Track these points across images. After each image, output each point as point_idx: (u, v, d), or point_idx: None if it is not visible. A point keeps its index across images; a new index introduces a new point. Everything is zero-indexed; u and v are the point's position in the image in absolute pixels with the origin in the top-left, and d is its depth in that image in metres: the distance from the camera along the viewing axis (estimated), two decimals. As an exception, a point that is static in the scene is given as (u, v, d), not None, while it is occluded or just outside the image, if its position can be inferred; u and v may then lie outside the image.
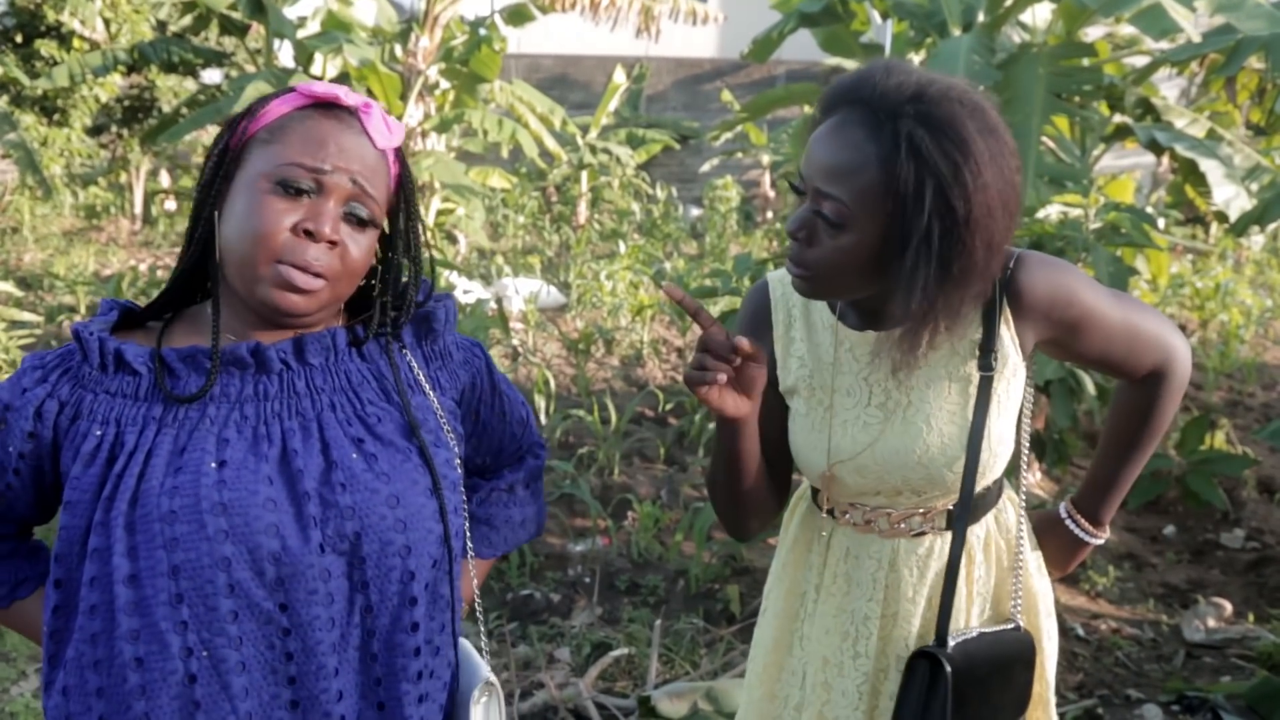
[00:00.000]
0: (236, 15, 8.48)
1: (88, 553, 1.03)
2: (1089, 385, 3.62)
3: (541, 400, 5.01)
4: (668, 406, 5.27)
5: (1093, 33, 5.34)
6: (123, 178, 10.90)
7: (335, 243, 1.07)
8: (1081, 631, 3.24)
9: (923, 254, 1.20)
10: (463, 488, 1.19)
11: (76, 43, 9.54)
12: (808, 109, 7.94)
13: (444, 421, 1.19)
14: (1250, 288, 7.78)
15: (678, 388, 5.55)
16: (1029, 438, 1.45)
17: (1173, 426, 4.42)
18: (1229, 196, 4.55)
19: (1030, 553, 1.47)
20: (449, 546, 1.13)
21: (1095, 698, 2.88)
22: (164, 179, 11.48)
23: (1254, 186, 4.66)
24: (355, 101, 1.11)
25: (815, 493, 1.47)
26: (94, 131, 10.26)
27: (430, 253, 1.22)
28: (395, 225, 1.17)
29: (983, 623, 1.41)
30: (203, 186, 1.10)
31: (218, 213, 1.09)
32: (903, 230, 1.20)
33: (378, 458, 1.10)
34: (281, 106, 1.10)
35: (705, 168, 12.23)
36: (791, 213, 1.29)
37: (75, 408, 1.07)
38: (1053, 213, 3.65)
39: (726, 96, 12.27)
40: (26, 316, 4.65)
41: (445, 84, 8.35)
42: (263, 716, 1.05)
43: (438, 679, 1.15)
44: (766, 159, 11.82)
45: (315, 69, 8.09)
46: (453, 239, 8.84)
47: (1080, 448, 4.28)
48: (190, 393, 1.07)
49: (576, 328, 6.76)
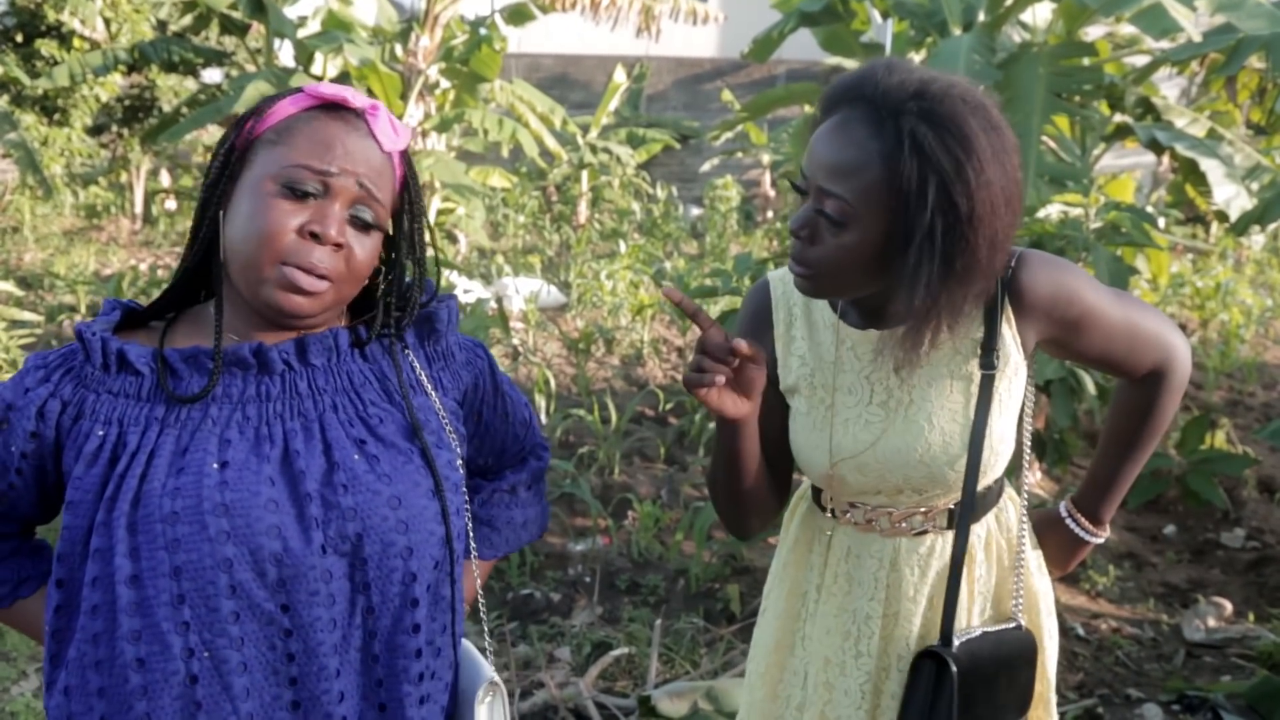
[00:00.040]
0: (237, 15, 8.48)
1: (90, 553, 1.03)
2: (1089, 385, 3.62)
3: (542, 400, 5.01)
4: (668, 406, 5.27)
5: (1093, 32, 5.34)
6: (123, 177, 10.90)
7: (340, 245, 1.07)
8: (1081, 631, 3.24)
9: (926, 251, 1.20)
10: (465, 489, 1.19)
11: (77, 42, 9.54)
12: (808, 108, 7.94)
13: (446, 422, 1.18)
14: (1251, 287, 7.77)
15: (678, 387, 5.55)
16: (1030, 437, 1.45)
17: (1173, 426, 4.42)
18: (1229, 196, 4.55)
19: (1030, 552, 1.47)
20: (451, 548, 1.13)
21: (1095, 697, 2.88)
22: (164, 178, 11.48)
23: (1254, 186, 4.67)
24: (362, 104, 1.11)
25: (816, 492, 1.48)
26: (94, 131, 10.26)
27: (436, 253, 1.22)
28: (399, 227, 1.16)
29: (984, 622, 1.41)
30: (208, 186, 1.10)
31: (223, 212, 1.09)
32: (906, 227, 1.20)
33: (380, 459, 1.10)
34: (288, 107, 1.10)
35: (705, 167, 12.23)
36: (792, 212, 1.29)
37: (78, 407, 1.07)
38: (1053, 212, 3.64)
39: (727, 96, 12.26)
40: (27, 316, 4.64)
41: (445, 83, 8.36)
42: (264, 717, 1.05)
43: (439, 680, 1.15)
44: (767, 158, 11.81)
45: (315, 68, 8.09)
46: (453, 239, 8.84)
47: (1080, 447, 4.28)
48: (192, 393, 1.07)
49: (577, 327, 6.76)
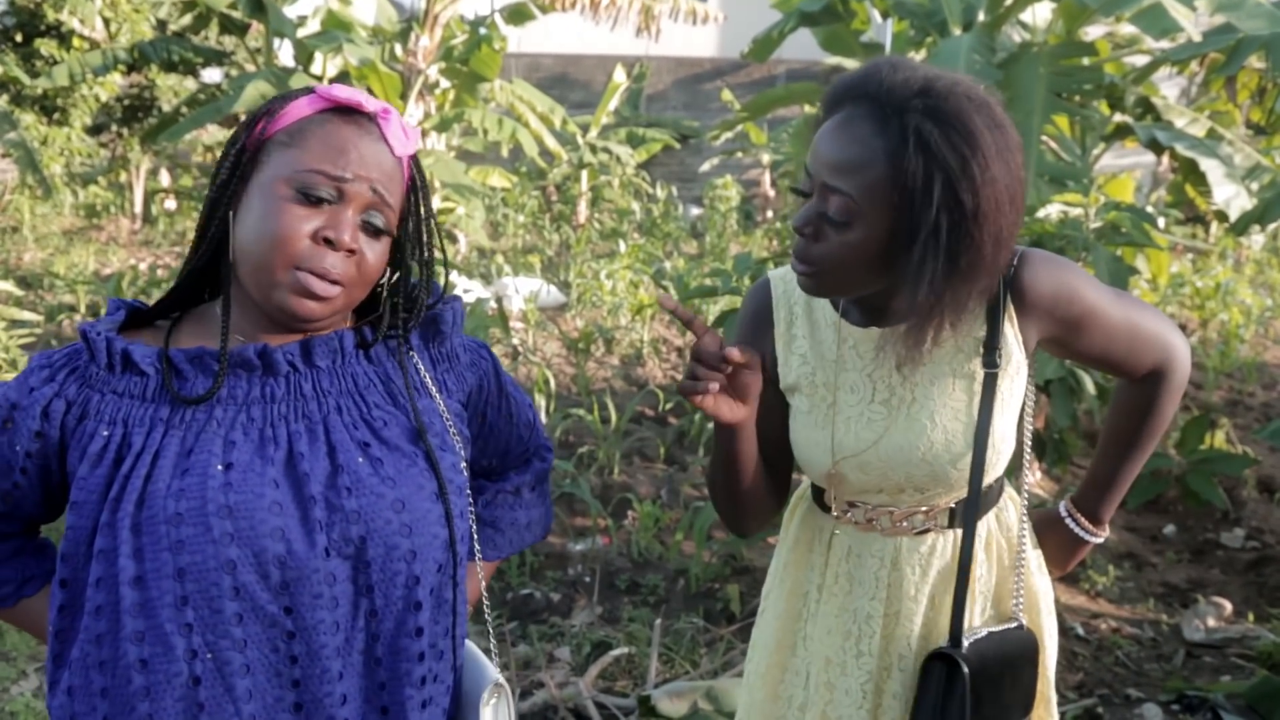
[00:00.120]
0: (236, 14, 8.49)
1: (94, 553, 1.03)
2: (1089, 385, 3.62)
3: (542, 399, 5.01)
4: (668, 406, 5.27)
5: (1093, 32, 5.34)
6: (123, 177, 10.89)
7: (354, 251, 1.07)
8: (1081, 631, 3.25)
9: (930, 248, 1.20)
10: (469, 491, 1.19)
11: (76, 42, 9.55)
12: (808, 108, 7.95)
13: (450, 425, 1.18)
14: (1250, 287, 7.77)
15: (681, 382, 5.54)
16: (1030, 436, 1.45)
17: (1173, 426, 4.42)
18: (1229, 196, 4.56)
19: (1030, 551, 1.47)
20: (454, 551, 1.13)
21: (1095, 697, 2.88)
22: (164, 178, 11.47)
23: (1254, 186, 4.67)
24: (375, 107, 1.11)
25: (816, 492, 1.48)
26: (94, 131, 10.26)
27: (444, 256, 1.21)
28: (405, 229, 1.16)
29: (985, 622, 1.41)
30: (219, 186, 1.09)
31: (233, 213, 1.09)
32: (910, 224, 1.20)
33: (384, 462, 1.10)
34: (301, 109, 1.09)
35: (705, 167, 12.22)
36: (793, 212, 1.29)
37: (82, 407, 1.06)
38: (1053, 212, 3.64)
39: (727, 96, 12.26)
40: (26, 316, 4.64)
41: (445, 83, 8.36)
42: (266, 719, 1.05)
43: (441, 683, 1.15)
44: (766, 158, 11.80)
45: (315, 68, 8.09)
46: (453, 238, 8.84)
47: (1080, 447, 4.28)
48: (197, 394, 1.07)
49: (576, 327, 6.76)
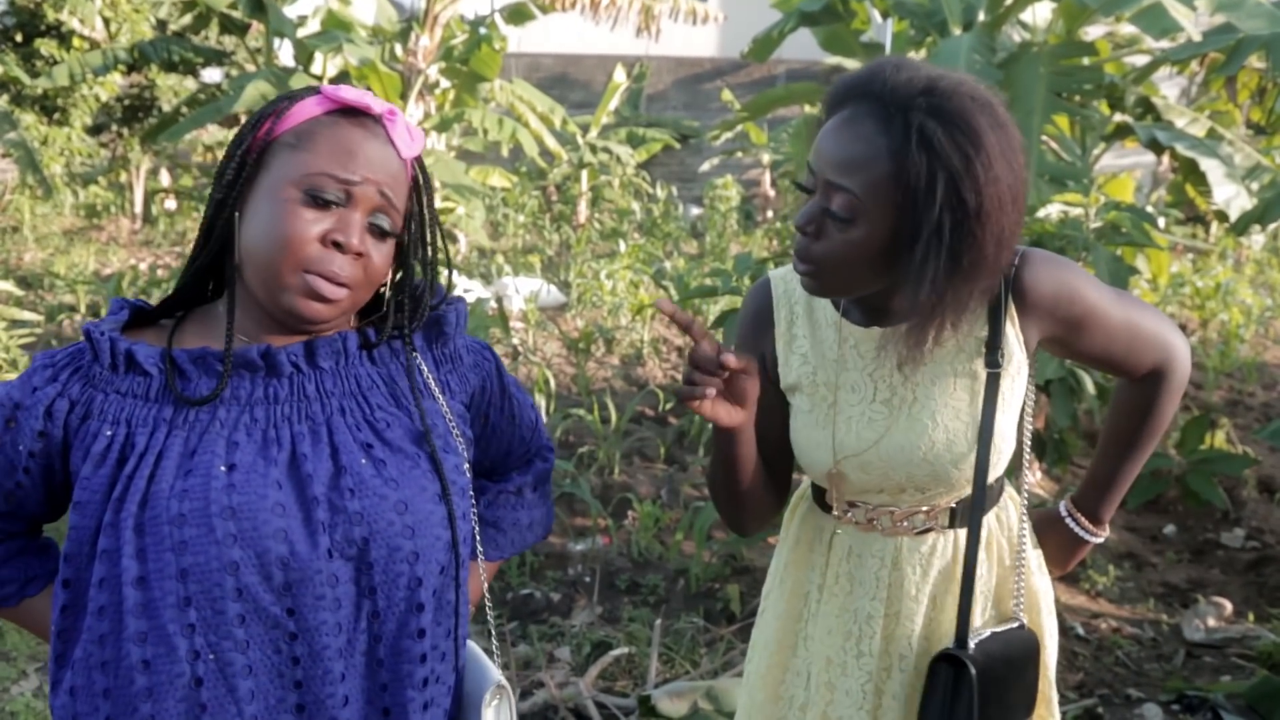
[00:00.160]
0: (236, 14, 8.49)
1: (97, 553, 1.03)
2: (1089, 384, 3.62)
3: (542, 399, 5.01)
4: (668, 406, 5.27)
5: (1093, 32, 5.35)
6: (123, 177, 10.89)
7: (361, 254, 1.07)
8: (1081, 631, 3.25)
9: (933, 247, 1.20)
10: (471, 492, 1.19)
11: (76, 42, 9.55)
12: (808, 108, 7.96)
13: (453, 426, 1.18)
14: (1250, 287, 7.77)
15: (677, 387, 5.54)
16: (1030, 436, 1.45)
17: (1173, 426, 4.42)
18: (1229, 196, 4.56)
19: (1031, 551, 1.47)
20: (457, 553, 1.13)
21: (1095, 697, 2.88)
22: (164, 178, 11.47)
23: (1254, 186, 4.67)
24: (382, 109, 1.10)
25: (816, 492, 1.48)
26: (94, 130, 10.26)
27: (447, 257, 1.21)
28: (409, 230, 1.15)
29: (985, 621, 1.41)
30: (225, 185, 1.09)
31: (238, 214, 1.08)
32: (913, 223, 1.20)
33: (386, 463, 1.10)
34: (308, 110, 1.09)
35: (705, 167, 12.22)
36: (793, 211, 1.29)
37: (86, 407, 1.06)
38: (1053, 212, 3.64)
39: (727, 96, 12.26)
40: (27, 316, 4.64)
41: (445, 83, 8.36)
42: None
43: (443, 684, 1.15)
44: (767, 158, 11.80)
45: (315, 68, 8.09)
46: (453, 238, 8.84)
47: (1080, 447, 4.28)
48: (201, 394, 1.07)
49: (577, 327, 6.76)
